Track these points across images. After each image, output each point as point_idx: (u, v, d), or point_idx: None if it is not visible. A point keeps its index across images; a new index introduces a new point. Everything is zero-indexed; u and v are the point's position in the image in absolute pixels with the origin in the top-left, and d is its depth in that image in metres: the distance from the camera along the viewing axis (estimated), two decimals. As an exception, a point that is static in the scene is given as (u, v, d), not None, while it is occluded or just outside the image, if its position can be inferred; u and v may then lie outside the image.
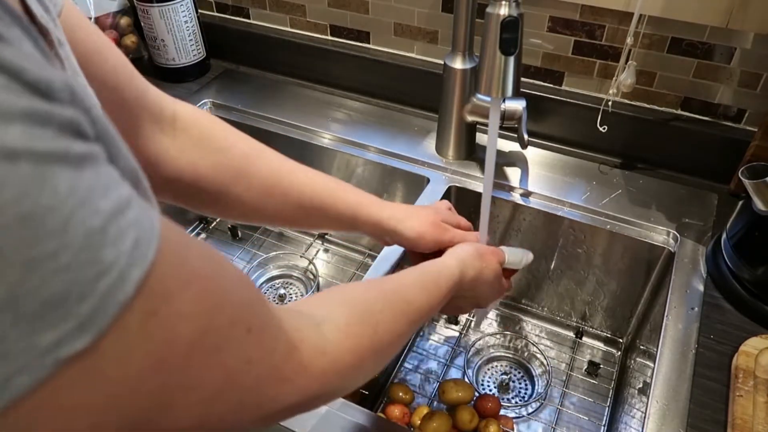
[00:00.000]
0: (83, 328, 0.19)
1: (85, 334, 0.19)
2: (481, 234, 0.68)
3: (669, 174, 0.85)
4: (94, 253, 0.19)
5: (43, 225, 0.18)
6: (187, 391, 0.25)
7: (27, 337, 0.18)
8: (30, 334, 0.18)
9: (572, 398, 0.82)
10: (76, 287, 0.19)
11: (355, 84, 1.03)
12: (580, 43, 0.84)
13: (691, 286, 0.69)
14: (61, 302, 0.18)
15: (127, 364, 0.21)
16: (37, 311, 0.18)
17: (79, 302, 0.19)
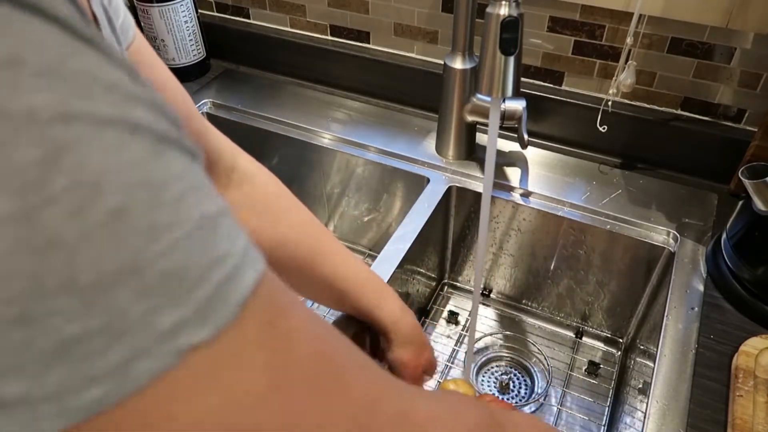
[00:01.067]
0: (203, 316, 0.18)
1: (203, 324, 0.19)
2: (481, 234, 0.68)
3: (669, 174, 0.85)
4: (206, 239, 0.19)
5: (160, 194, 0.18)
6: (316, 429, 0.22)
7: (148, 316, 0.17)
8: (151, 313, 0.17)
9: (572, 398, 0.82)
10: (192, 268, 0.18)
11: (355, 84, 1.03)
12: (580, 43, 0.84)
13: (691, 286, 0.69)
14: (178, 280, 0.18)
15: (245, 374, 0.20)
16: (157, 287, 0.17)
17: (195, 285, 0.18)
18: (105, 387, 0.17)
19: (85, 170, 0.16)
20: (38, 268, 0.16)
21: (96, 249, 0.16)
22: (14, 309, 0.16)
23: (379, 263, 0.74)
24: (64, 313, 0.16)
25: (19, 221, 0.15)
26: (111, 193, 0.17)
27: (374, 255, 1.00)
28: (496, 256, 0.92)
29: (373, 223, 1.01)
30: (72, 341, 0.16)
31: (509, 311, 0.95)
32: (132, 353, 0.17)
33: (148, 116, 0.19)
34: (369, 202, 0.98)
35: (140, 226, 0.17)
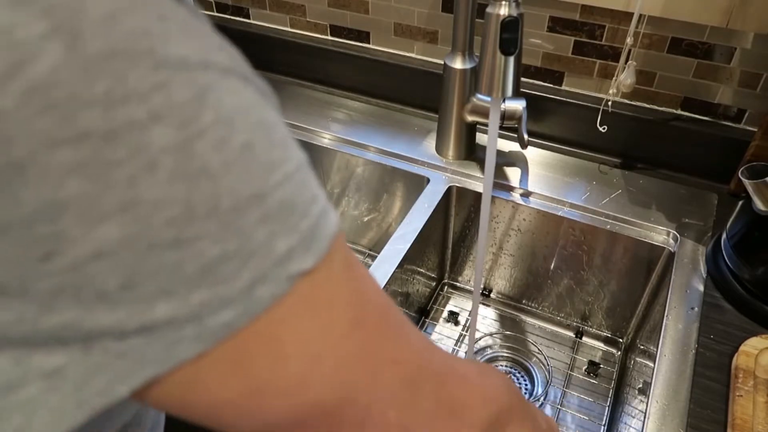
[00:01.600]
0: (307, 245, 0.21)
1: (308, 252, 0.21)
2: (481, 234, 0.68)
3: (669, 174, 0.85)
4: (305, 179, 0.22)
5: (273, 134, 0.21)
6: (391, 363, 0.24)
7: (269, 240, 0.19)
8: (271, 237, 0.20)
9: (572, 398, 0.82)
10: (299, 202, 0.21)
11: (355, 84, 1.03)
12: (580, 43, 0.84)
13: (691, 286, 0.69)
14: (291, 210, 0.20)
15: (335, 306, 0.22)
16: (276, 213, 0.20)
17: (301, 217, 0.21)
18: (236, 309, 0.19)
19: (223, 108, 0.19)
20: (191, 193, 0.18)
21: (233, 177, 0.19)
22: (171, 232, 0.18)
23: (379, 263, 0.74)
24: (209, 235, 0.18)
25: (178, 151, 0.17)
26: (241, 129, 0.19)
27: (374, 255, 1.00)
28: (496, 256, 0.92)
29: (373, 223, 1.01)
30: (213, 263, 0.19)
31: (509, 311, 0.95)
32: (257, 276, 0.19)
33: (249, 71, 0.21)
34: (369, 202, 0.98)
35: (262, 159, 0.20)
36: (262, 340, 0.20)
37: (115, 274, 0.17)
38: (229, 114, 0.19)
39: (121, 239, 0.17)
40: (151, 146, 0.17)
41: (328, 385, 0.22)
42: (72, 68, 0.16)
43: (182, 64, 0.18)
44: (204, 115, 0.18)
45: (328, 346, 0.22)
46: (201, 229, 0.18)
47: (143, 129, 0.17)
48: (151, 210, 0.17)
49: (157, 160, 0.17)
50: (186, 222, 0.18)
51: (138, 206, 0.17)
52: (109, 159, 0.16)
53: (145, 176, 0.17)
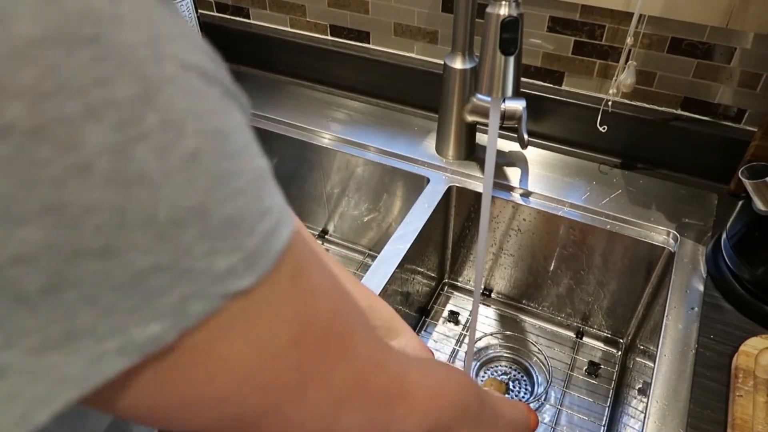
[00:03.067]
0: (249, 264, 0.19)
1: (250, 271, 0.19)
2: (481, 234, 0.68)
3: (669, 174, 0.85)
4: (259, 192, 0.20)
5: (228, 144, 0.19)
6: (321, 382, 0.23)
7: (208, 257, 0.18)
8: (210, 254, 0.18)
9: (572, 398, 0.82)
10: (247, 218, 0.19)
11: (355, 84, 1.03)
12: (580, 43, 0.84)
13: (691, 286, 0.69)
14: (235, 227, 0.19)
15: (272, 326, 0.21)
16: (218, 230, 0.18)
17: (247, 234, 0.19)
18: (164, 323, 0.18)
19: (173, 111, 0.17)
20: (125, 200, 0.16)
21: (174, 187, 0.17)
22: (100, 240, 0.16)
23: (379, 263, 0.74)
24: (142, 246, 0.17)
25: (115, 153, 0.16)
26: (190, 135, 0.17)
27: (374, 255, 1.00)
28: (496, 256, 0.92)
29: (373, 223, 1.01)
30: (144, 274, 0.17)
31: (509, 311, 0.95)
32: (190, 292, 0.18)
33: (216, 69, 0.20)
34: (369, 202, 0.98)
35: (211, 171, 0.18)
36: (190, 356, 0.19)
37: (36, 279, 0.16)
38: (178, 118, 0.17)
39: (43, 243, 0.16)
40: (84, 146, 0.15)
41: (254, 401, 0.22)
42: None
43: (131, 55, 0.16)
44: (149, 116, 0.16)
45: (259, 366, 0.21)
46: (133, 239, 0.17)
47: (76, 126, 0.15)
48: (79, 215, 0.16)
49: (90, 162, 0.16)
50: (117, 230, 0.16)
51: (64, 210, 0.16)
52: (34, 157, 0.15)
53: (75, 178, 0.16)
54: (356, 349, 0.25)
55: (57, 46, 0.15)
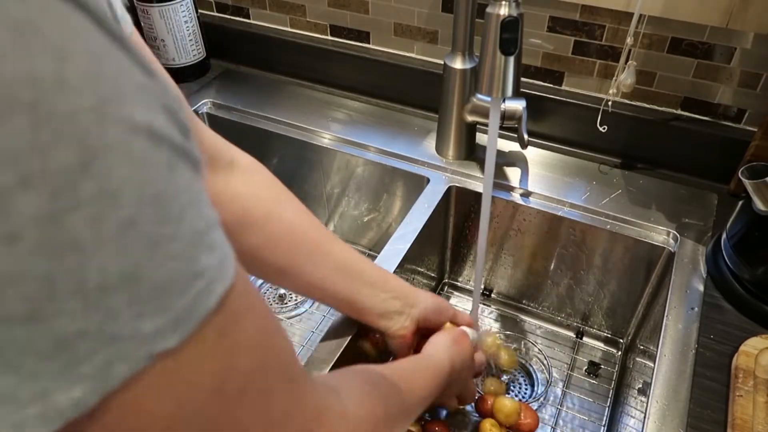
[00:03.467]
0: (176, 325, 0.19)
1: (176, 332, 0.19)
2: (481, 234, 0.68)
3: (669, 174, 0.85)
4: (195, 253, 0.20)
5: (167, 209, 0.19)
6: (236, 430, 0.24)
7: (135, 321, 0.18)
8: (138, 318, 0.18)
9: (572, 398, 0.82)
10: (179, 281, 0.19)
11: (355, 84, 1.03)
12: (580, 43, 0.84)
13: (691, 286, 0.69)
14: (166, 291, 0.19)
15: (195, 381, 0.21)
16: (148, 295, 0.18)
17: (178, 296, 0.19)
18: (86, 387, 0.18)
19: (110, 179, 0.17)
20: (54, 269, 0.16)
21: (106, 255, 0.17)
22: (25, 308, 0.16)
23: (379, 263, 0.74)
24: (68, 314, 0.17)
25: (46, 223, 0.15)
26: (127, 205, 0.17)
27: (374, 255, 1.00)
28: (496, 256, 0.92)
29: (373, 223, 1.01)
30: (69, 341, 0.17)
31: (509, 311, 0.95)
32: (115, 356, 0.18)
33: (168, 125, 0.19)
34: (369, 202, 0.98)
35: (145, 238, 0.18)
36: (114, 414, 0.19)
37: None
38: (116, 186, 0.17)
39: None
40: (14, 216, 0.15)
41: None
42: None
43: (72, 122, 0.16)
44: (85, 184, 0.16)
45: (182, 419, 0.21)
46: (60, 307, 0.16)
47: (8, 195, 0.15)
48: (4, 283, 0.15)
49: (20, 232, 0.15)
50: (44, 298, 0.16)
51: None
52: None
53: (2, 247, 0.15)
54: (273, 398, 0.26)
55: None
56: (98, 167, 0.16)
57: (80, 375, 0.17)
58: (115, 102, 0.17)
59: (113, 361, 0.18)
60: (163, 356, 0.19)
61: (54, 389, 0.17)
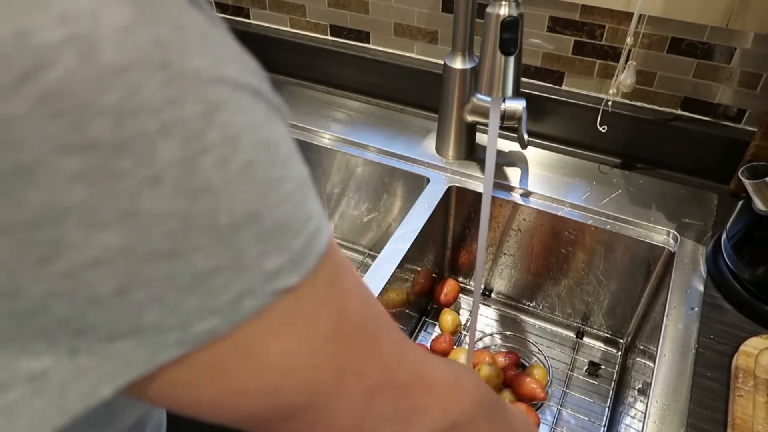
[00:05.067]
0: (294, 264, 0.21)
1: (294, 271, 0.21)
2: (481, 234, 0.68)
3: (669, 174, 0.85)
4: (304, 196, 0.22)
5: (276, 153, 0.21)
6: (355, 376, 0.25)
7: (260, 259, 0.20)
8: (262, 256, 0.20)
9: (572, 398, 0.82)
10: (294, 221, 0.21)
11: (355, 84, 1.03)
12: (580, 43, 0.84)
13: (691, 286, 0.69)
14: (284, 231, 0.21)
15: (313, 322, 0.23)
16: (269, 234, 0.20)
17: (294, 236, 0.21)
18: (219, 319, 0.20)
19: (231, 125, 0.19)
20: (190, 208, 0.18)
21: (232, 195, 0.19)
22: (167, 244, 0.18)
23: (379, 263, 0.74)
24: (203, 250, 0.19)
25: (182, 166, 0.18)
26: (245, 148, 0.19)
27: (374, 255, 1.00)
28: (496, 256, 0.92)
29: (373, 223, 1.01)
30: (204, 276, 0.19)
31: (509, 311, 0.95)
32: (244, 290, 0.20)
33: (261, 84, 0.22)
34: (369, 202, 0.98)
35: (262, 178, 0.20)
36: (240, 350, 0.21)
37: (110, 281, 0.18)
38: (235, 132, 0.19)
39: (119, 248, 0.17)
40: (157, 160, 0.17)
41: (297, 393, 0.23)
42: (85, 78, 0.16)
43: (196, 78, 0.18)
44: (211, 131, 0.18)
45: (302, 359, 0.23)
46: (197, 243, 0.18)
47: (152, 142, 0.17)
48: (151, 221, 0.17)
49: (162, 174, 0.17)
50: (183, 235, 0.18)
51: (139, 217, 0.17)
52: (115, 169, 0.17)
53: (149, 188, 0.17)
54: (383, 345, 0.27)
55: (135, 72, 0.17)
56: (220, 117, 0.19)
57: (214, 308, 0.19)
58: (224, 64, 0.19)
59: (243, 295, 0.20)
60: (284, 295, 0.21)
61: (192, 320, 0.19)
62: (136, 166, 0.17)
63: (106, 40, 0.16)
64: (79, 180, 0.16)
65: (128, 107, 0.17)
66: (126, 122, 0.17)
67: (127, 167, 0.17)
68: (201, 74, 0.18)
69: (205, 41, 0.19)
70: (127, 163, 0.17)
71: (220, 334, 0.20)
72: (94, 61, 0.16)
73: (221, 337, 0.20)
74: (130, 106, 0.17)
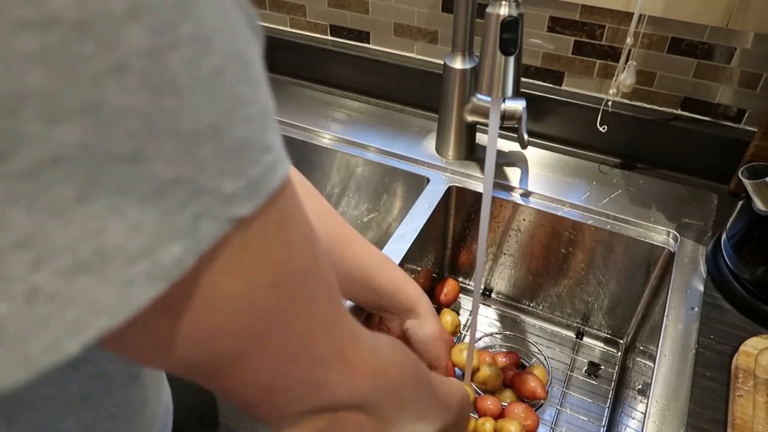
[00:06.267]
0: (250, 192, 0.20)
1: (249, 200, 0.20)
2: (481, 234, 0.68)
3: (669, 174, 0.85)
4: (266, 125, 0.20)
5: (248, 70, 0.19)
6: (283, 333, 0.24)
7: (218, 177, 0.19)
8: (220, 174, 0.19)
9: (572, 398, 0.82)
10: (254, 145, 0.20)
11: (355, 84, 1.03)
12: (580, 43, 0.84)
13: (691, 286, 0.69)
14: (243, 153, 0.19)
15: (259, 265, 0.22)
16: (229, 152, 0.19)
17: (252, 162, 0.20)
18: (182, 245, 0.18)
19: (204, 24, 0.17)
20: (155, 107, 0.17)
21: (198, 100, 0.18)
22: (130, 144, 0.16)
23: (379, 263, 0.74)
24: (165, 156, 0.17)
25: (149, 57, 0.16)
26: (217, 53, 0.18)
27: (374, 255, 1.00)
28: (496, 256, 0.92)
29: (373, 223, 1.01)
30: (166, 186, 0.17)
31: (509, 311, 0.95)
32: (202, 210, 0.19)
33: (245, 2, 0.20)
34: (369, 202, 0.98)
35: (231, 91, 0.19)
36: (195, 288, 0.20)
37: (71, 184, 0.16)
38: (208, 33, 0.18)
39: (81, 144, 0.16)
40: (123, 45, 0.16)
41: (232, 339, 0.22)
42: None
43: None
44: (183, 25, 0.17)
45: (245, 304, 0.22)
46: (159, 147, 0.17)
47: (119, 24, 0.15)
48: (114, 116, 0.16)
49: (127, 63, 0.16)
50: (146, 136, 0.17)
51: (101, 110, 0.16)
52: (77, 52, 0.15)
53: (112, 78, 0.16)
54: (315, 311, 0.26)
55: None
56: (195, 11, 0.17)
57: (175, 228, 0.18)
58: None
59: (200, 216, 0.18)
60: (238, 226, 0.20)
61: (155, 243, 0.18)
62: (99, 49, 0.15)
63: None
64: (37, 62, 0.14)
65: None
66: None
67: (90, 50, 0.15)
68: None
69: None
70: (90, 46, 0.15)
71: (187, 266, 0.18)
72: None
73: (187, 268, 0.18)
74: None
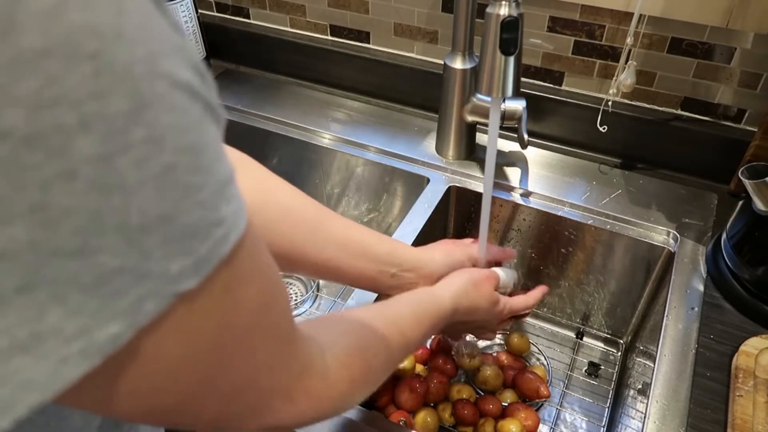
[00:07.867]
0: (197, 268, 0.21)
1: (196, 274, 0.21)
2: (482, 234, 0.68)
3: (669, 174, 0.85)
4: (218, 202, 0.21)
5: (200, 159, 0.20)
6: (226, 376, 0.26)
7: (165, 261, 0.20)
8: (167, 258, 0.20)
9: (572, 398, 0.82)
10: (203, 227, 0.21)
11: (355, 84, 1.03)
12: (580, 43, 0.84)
13: (691, 286, 0.69)
14: (192, 236, 0.20)
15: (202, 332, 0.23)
16: (178, 238, 0.20)
17: (201, 241, 0.21)
18: (122, 323, 0.19)
19: (157, 126, 0.18)
20: (102, 206, 0.17)
21: (146, 197, 0.18)
22: (76, 241, 0.17)
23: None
24: (111, 249, 0.18)
25: (99, 162, 0.17)
26: (168, 151, 0.19)
27: (374, 255, 1.00)
28: (496, 256, 0.92)
29: (373, 223, 1.01)
30: (110, 276, 0.18)
31: (509, 311, 0.95)
32: (146, 292, 0.19)
33: (199, 83, 0.21)
34: (369, 202, 0.98)
35: (180, 184, 0.19)
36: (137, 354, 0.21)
37: (14, 277, 0.17)
38: (161, 133, 0.18)
39: (27, 241, 0.16)
40: (73, 154, 0.16)
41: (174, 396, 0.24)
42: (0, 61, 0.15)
43: (128, 71, 0.17)
44: (135, 130, 0.18)
45: (186, 367, 0.23)
46: (105, 242, 0.18)
47: (70, 135, 0.16)
48: (61, 216, 0.17)
49: (77, 169, 0.17)
50: (92, 233, 0.17)
51: (48, 211, 0.17)
52: (27, 161, 0.16)
53: (61, 183, 0.16)
54: (263, 352, 0.28)
55: (58, 59, 0.16)
56: (148, 115, 0.18)
57: (116, 311, 0.19)
58: (161, 57, 0.18)
59: (144, 297, 0.19)
60: (183, 298, 0.21)
61: (94, 325, 0.19)
62: (49, 159, 0.16)
63: (27, 23, 0.15)
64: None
65: (46, 97, 0.16)
66: (42, 113, 0.16)
67: (39, 160, 0.16)
68: (134, 68, 0.17)
69: (145, 30, 0.18)
70: (39, 156, 0.16)
71: (124, 341, 0.19)
72: (10, 45, 0.15)
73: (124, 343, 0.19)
74: (49, 95, 0.16)
